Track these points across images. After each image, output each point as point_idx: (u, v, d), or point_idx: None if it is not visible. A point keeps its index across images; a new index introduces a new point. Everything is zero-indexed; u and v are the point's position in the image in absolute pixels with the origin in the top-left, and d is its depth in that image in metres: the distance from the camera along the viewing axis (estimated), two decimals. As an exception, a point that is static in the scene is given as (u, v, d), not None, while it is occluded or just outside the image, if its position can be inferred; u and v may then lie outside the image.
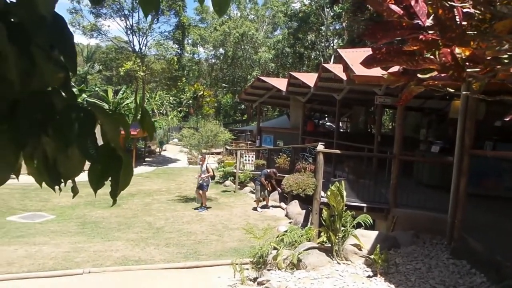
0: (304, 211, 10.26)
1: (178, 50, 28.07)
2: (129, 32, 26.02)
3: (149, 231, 9.57)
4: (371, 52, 1.80)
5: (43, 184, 1.26)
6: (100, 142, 1.11)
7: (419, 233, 6.48)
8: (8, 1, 1.10)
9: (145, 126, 1.22)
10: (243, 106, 44.16)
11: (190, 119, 42.43)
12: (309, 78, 12.61)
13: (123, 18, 25.71)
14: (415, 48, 1.63)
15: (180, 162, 25.21)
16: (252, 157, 16.79)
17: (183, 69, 35.41)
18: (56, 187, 1.27)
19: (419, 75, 1.73)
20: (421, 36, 1.56)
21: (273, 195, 12.81)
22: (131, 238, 8.83)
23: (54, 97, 1.10)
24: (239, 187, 14.97)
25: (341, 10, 24.21)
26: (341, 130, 19.34)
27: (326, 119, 23.76)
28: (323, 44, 31.87)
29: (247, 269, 6.00)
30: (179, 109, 38.58)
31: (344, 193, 6.01)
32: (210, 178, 12.29)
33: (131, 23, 25.77)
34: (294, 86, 13.93)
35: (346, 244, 5.96)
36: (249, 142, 24.99)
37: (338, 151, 8.90)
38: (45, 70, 1.10)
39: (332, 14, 28.05)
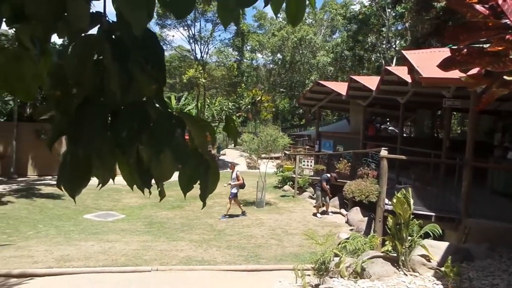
0: (366, 218, 9.96)
1: (238, 57, 28.75)
2: (191, 41, 27.16)
3: (211, 233, 9.86)
4: (448, 54, 1.72)
5: (114, 185, 1.38)
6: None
7: (495, 246, 6.01)
8: (110, 21, 1.22)
9: (230, 131, 1.29)
10: (301, 111, 44.00)
11: (249, 124, 43.12)
12: (370, 81, 12.27)
13: (186, 28, 26.91)
14: (499, 48, 1.54)
15: (239, 166, 25.65)
16: (311, 162, 16.65)
17: (242, 75, 36.14)
18: (146, 190, 1.37)
19: (505, 77, 1.63)
20: (508, 36, 1.47)
21: (333, 201, 12.59)
22: (194, 239, 9.16)
23: (149, 107, 1.20)
24: (298, 192, 14.91)
25: (403, 10, 23.27)
26: (404, 135, 18.53)
27: (388, 123, 22.89)
28: (384, 46, 30.81)
29: (309, 275, 5.95)
30: (237, 114, 39.38)
31: (411, 201, 5.76)
32: (239, 187, 11.84)
33: (193, 32, 26.89)
34: (354, 89, 13.62)
35: (413, 255, 5.69)
36: (307, 147, 24.81)
37: (403, 157, 8.54)
38: (140, 82, 1.21)
39: (394, 14, 27.05)
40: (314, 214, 11.80)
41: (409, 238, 5.73)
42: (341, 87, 15.12)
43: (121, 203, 13.36)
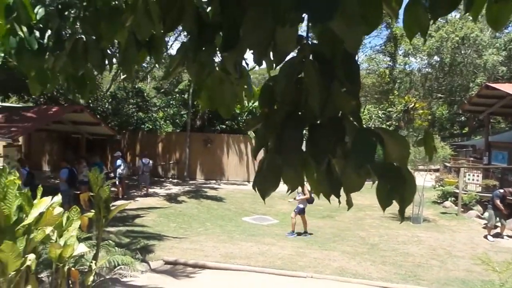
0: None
1: (390, 63, 27.40)
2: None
3: (364, 246, 9.56)
4: None
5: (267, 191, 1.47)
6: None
7: None
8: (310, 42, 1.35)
9: (427, 147, 1.26)
10: (462, 118, 39.08)
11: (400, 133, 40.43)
12: None
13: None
14: None
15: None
16: (478, 176, 14.58)
17: (394, 82, 34.22)
18: (333, 199, 1.44)
19: None
20: None
21: (510, 222, 10.76)
22: (346, 251, 9.03)
23: (346, 122, 1.27)
24: (462, 209, 13.23)
25: None
26: None
27: None
28: None
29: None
30: (388, 123, 37.36)
31: None
32: (306, 201, 10.49)
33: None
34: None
35: None
36: (471, 158, 21.82)
37: None
38: (339, 98, 1.29)
39: None
40: (485, 237, 10.28)
41: None
42: (518, 90, 12.90)
43: (275, 209, 14.13)
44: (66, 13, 2.04)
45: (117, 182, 13.25)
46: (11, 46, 1.95)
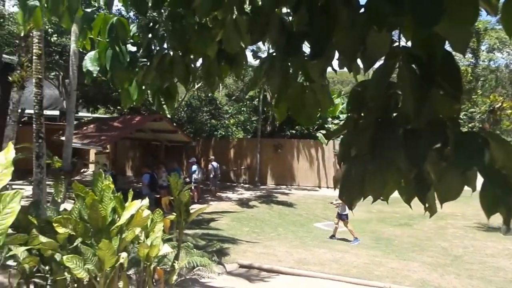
0: None
1: (472, 60, 25.34)
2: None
3: (446, 258, 8.91)
4: None
5: None
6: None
7: None
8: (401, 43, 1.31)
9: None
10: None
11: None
12: None
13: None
14: None
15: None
16: None
17: (477, 80, 31.55)
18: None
19: None
20: None
21: None
22: (427, 262, 8.49)
23: (446, 126, 1.22)
24: None
25: None
26: None
27: None
28: None
29: None
30: (470, 125, 34.52)
31: None
32: (346, 207, 9.86)
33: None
34: None
35: None
36: None
37: None
38: (436, 102, 1.24)
39: None
40: None
41: None
42: None
43: (347, 215, 13.77)
44: (155, 29, 2.21)
45: (192, 187, 13.90)
46: (107, 61, 2.16)
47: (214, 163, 16.15)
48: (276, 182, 19.86)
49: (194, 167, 14.73)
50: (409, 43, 1.38)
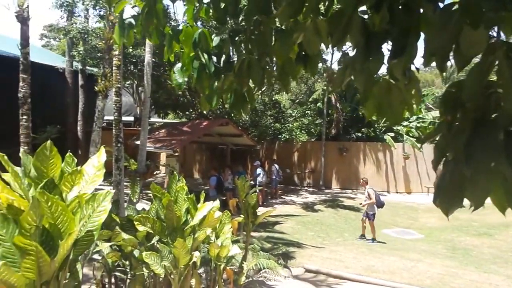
0: None
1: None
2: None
3: (536, 273, 8.06)
4: None
5: (410, 203, 1.31)
6: None
7: None
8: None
9: None
10: None
11: None
12: None
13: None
14: None
15: None
16: None
17: None
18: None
19: None
20: None
21: None
22: (513, 276, 7.75)
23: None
24: None
25: None
26: None
27: None
28: None
29: None
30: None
31: None
32: (374, 206, 10.17)
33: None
34: None
35: None
36: None
37: None
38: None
39: None
40: None
41: None
42: None
43: (418, 222, 13.05)
44: (237, 38, 2.29)
45: (257, 190, 14.08)
46: (195, 72, 2.28)
47: (276, 165, 16.59)
48: (341, 186, 19.41)
49: (259, 170, 14.92)
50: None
